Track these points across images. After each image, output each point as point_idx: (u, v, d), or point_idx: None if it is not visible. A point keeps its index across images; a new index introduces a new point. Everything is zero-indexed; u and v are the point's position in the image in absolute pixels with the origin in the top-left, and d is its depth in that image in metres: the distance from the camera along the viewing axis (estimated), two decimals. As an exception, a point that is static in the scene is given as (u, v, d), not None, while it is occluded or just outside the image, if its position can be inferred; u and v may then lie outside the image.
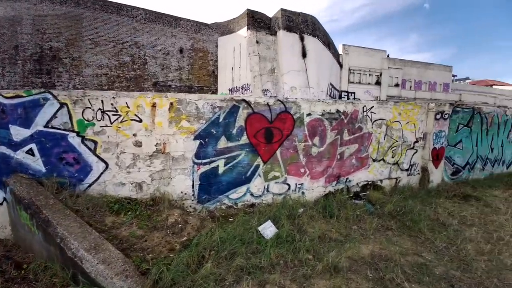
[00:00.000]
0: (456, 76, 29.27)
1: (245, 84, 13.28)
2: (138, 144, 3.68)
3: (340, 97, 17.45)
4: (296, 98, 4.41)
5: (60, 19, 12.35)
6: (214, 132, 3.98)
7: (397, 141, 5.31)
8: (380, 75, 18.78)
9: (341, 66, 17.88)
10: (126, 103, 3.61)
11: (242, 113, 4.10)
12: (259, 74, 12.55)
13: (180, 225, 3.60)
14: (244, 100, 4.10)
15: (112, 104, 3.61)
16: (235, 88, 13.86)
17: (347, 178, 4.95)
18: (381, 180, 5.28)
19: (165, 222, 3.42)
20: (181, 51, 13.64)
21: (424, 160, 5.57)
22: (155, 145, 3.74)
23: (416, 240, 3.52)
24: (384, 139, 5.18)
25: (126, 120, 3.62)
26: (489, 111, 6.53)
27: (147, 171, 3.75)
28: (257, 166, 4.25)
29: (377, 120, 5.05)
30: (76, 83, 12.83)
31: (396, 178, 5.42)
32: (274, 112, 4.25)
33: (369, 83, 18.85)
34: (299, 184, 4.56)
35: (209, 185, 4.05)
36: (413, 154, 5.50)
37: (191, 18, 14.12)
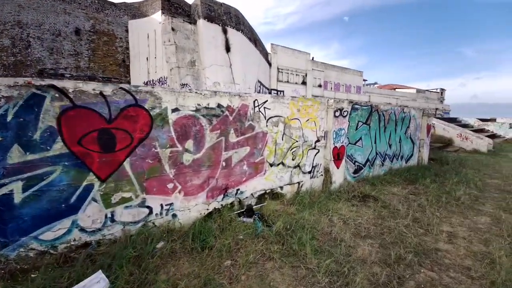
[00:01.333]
0: (366, 80, 32.90)
1: (162, 77, 11.23)
2: None
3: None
4: (153, 87, 3.01)
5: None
6: (-10, 138, 2.25)
7: (297, 141, 4.50)
8: (306, 75, 19.14)
9: (270, 64, 17.39)
10: None
11: (52, 107, 2.47)
12: (177, 66, 10.71)
13: None
14: (53, 87, 2.47)
15: None
16: (151, 82, 11.64)
17: (238, 190, 3.85)
18: (281, 187, 4.39)
19: None
20: (77, 32, 10.63)
21: (326, 160, 4.95)
22: None
23: (297, 273, 2.59)
24: (283, 140, 4.28)
25: None
26: (386, 109, 6.47)
27: None
28: (89, 187, 2.70)
29: (272, 117, 4.10)
30: None
31: (299, 183, 4.63)
32: (115, 106, 2.76)
33: (296, 83, 19.01)
34: (167, 205, 3.20)
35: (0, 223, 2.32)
36: (315, 155, 4.81)
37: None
